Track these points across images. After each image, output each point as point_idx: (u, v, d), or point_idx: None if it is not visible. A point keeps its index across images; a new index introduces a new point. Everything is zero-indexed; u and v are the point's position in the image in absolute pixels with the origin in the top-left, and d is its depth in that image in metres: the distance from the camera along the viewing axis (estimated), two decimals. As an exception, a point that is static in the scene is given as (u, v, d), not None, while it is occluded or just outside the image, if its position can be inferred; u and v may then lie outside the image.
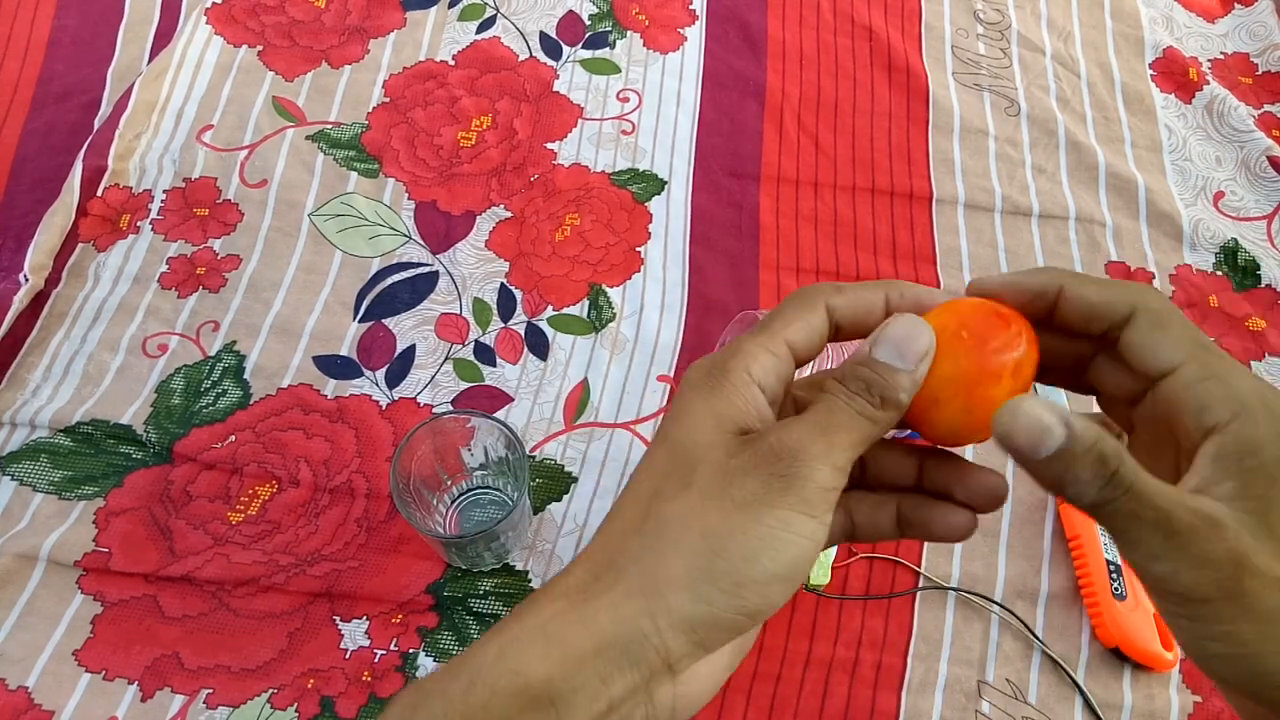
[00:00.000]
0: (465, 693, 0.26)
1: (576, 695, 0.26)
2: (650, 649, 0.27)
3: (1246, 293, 0.76)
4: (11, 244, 0.71)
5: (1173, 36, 0.90)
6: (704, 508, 0.27)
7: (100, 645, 0.58)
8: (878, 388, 0.28)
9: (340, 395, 0.67)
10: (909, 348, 0.29)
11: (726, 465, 0.28)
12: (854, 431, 0.28)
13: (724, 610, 0.27)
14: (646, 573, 0.27)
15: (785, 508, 0.27)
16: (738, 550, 0.26)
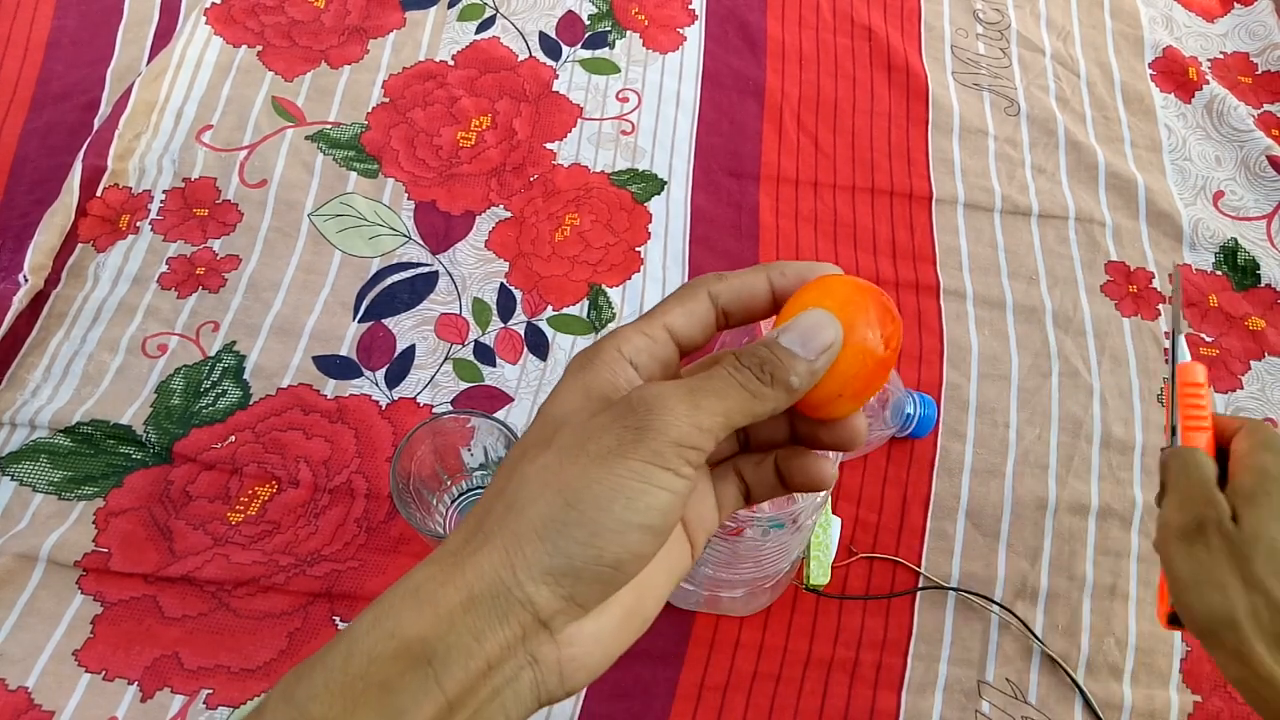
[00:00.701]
0: (345, 661, 0.27)
1: (451, 652, 0.26)
2: (515, 601, 0.27)
3: (1246, 292, 0.76)
4: (11, 244, 0.71)
5: (1172, 36, 0.90)
6: (560, 463, 0.28)
7: (100, 645, 0.58)
8: (770, 366, 0.29)
9: (340, 395, 0.67)
10: (813, 339, 0.29)
11: (586, 424, 0.28)
12: (728, 399, 0.28)
13: (581, 560, 0.27)
14: (508, 529, 0.27)
15: (637, 459, 0.27)
16: (590, 500, 0.27)
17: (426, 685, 0.26)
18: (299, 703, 0.26)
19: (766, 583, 0.58)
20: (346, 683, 0.26)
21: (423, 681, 0.26)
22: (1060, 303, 0.74)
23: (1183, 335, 0.51)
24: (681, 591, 0.59)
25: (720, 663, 0.60)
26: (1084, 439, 0.69)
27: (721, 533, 0.52)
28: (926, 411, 0.66)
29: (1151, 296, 0.75)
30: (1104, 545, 0.65)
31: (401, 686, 0.26)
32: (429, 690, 0.26)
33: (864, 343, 0.30)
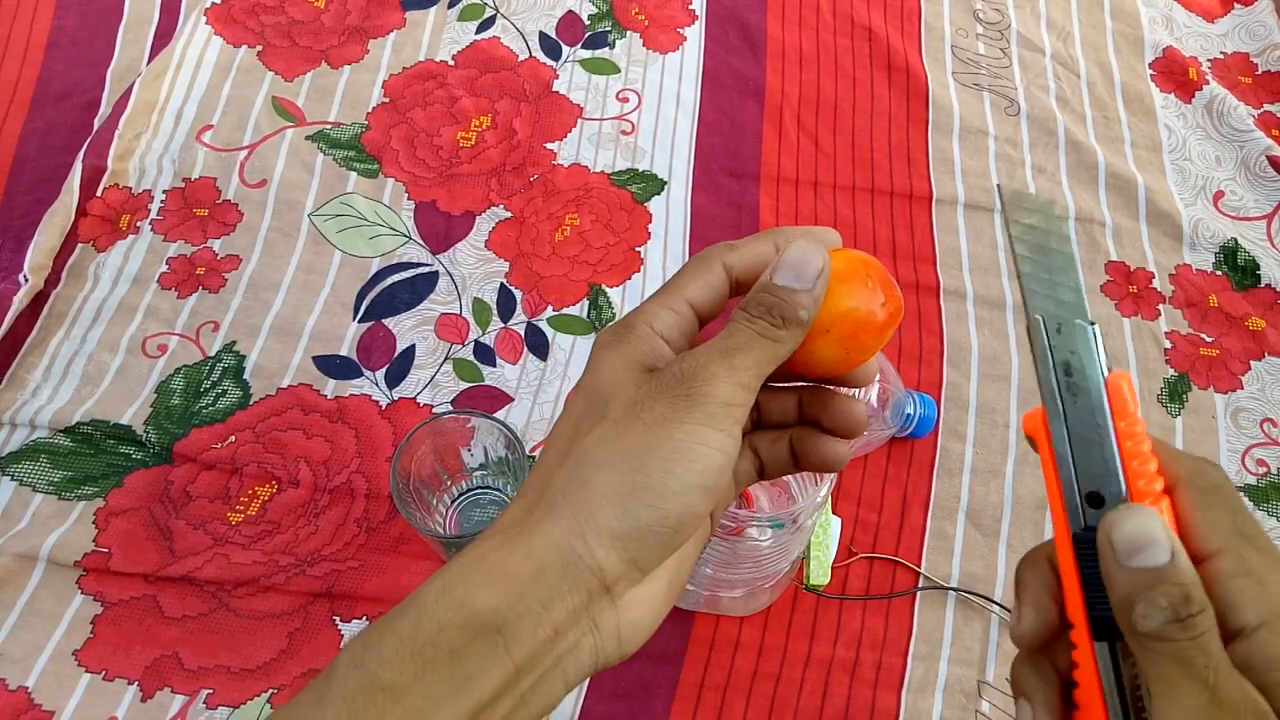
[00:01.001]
0: (414, 629, 0.27)
1: (521, 620, 0.27)
2: (585, 568, 0.28)
3: (1246, 292, 0.76)
4: (11, 244, 0.71)
5: (1172, 36, 0.90)
6: (619, 433, 0.29)
7: (100, 645, 0.58)
8: (778, 309, 0.30)
9: (340, 395, 0.67)
10: (805, 269, 0.31)
11: (636, 395, 0.30)
12: (754, 351, 0.30)
13: (649, 522, 0.28)
14: (574, 498, 0.29)
15: (692, 423, 0.29)
16: (655, 464, 0.28)
17: (495, 653, 0.27)
18: (370, 668, 0.27)
19: (766, 583, 0.58)
20: (416, 649, 0.27)
21: (491, 649, 0.27)
22: (1060, 303, 0.74)
23: (1094, 329, 0.32)
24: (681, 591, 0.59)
25: (720, 663, 0.60)
26: (1084, 439, 0.69)
27: (721, 533, 0.52)
28: (926, 411, 0.66)
29: (1152, 296, 0.75)
30: (1104, 545, 0.65)
31: (470, 654, 0.27)
32: (498, 658, 0.27)
33: (858, 293, 0.32)
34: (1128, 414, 0.30)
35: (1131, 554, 0.27)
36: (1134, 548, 0.27)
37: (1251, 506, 0.67)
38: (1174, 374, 0.72)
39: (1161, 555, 0.27)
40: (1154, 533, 0.27)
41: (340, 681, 0.27)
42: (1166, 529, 0.27)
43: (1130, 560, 0.27)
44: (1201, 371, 0.72)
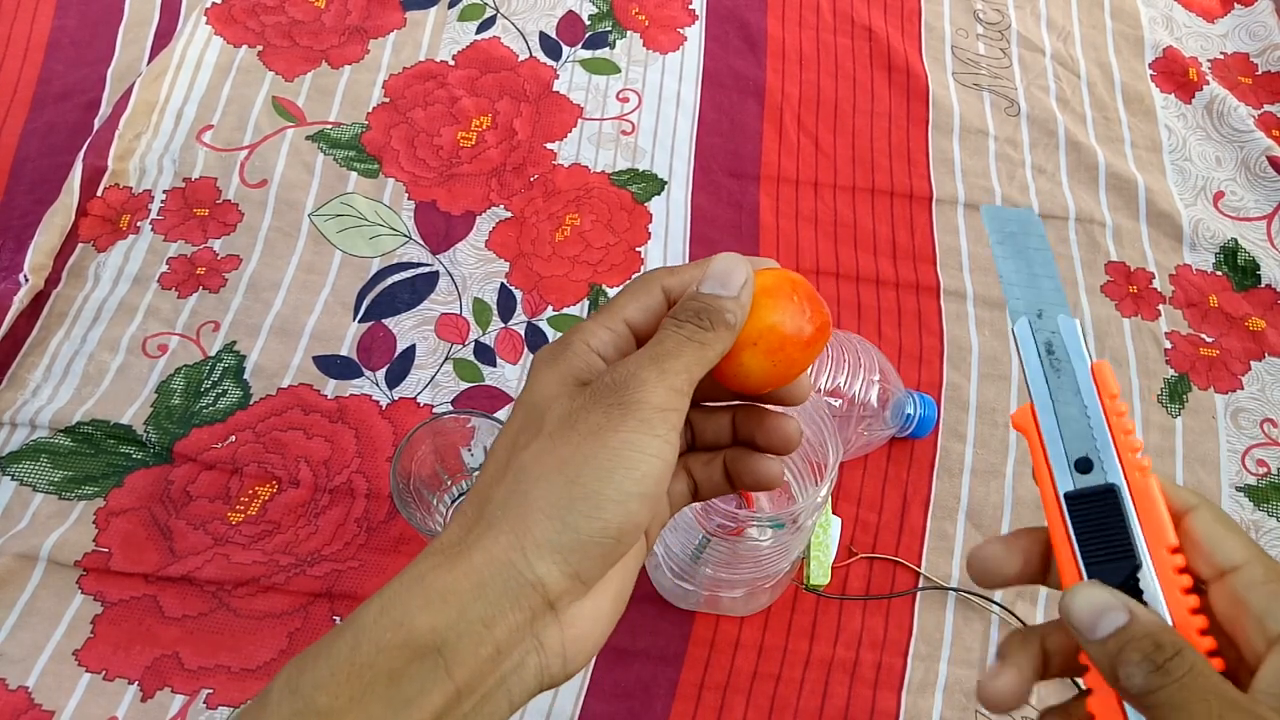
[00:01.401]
0: (351, 651, 0.27)
1: (462, 640, 0.27)
2: (526, 583, 0.28)
3: (1246, 293, 0.76)
4: (11, 244, 0.71)
5: (1173, 36, 0.90)
6: (555, 444, 0.29)
7: (100, 645, 0.58)
8: (705, 313, 0.31)
9: (340, 395, 0.67)
10: (730, 279, 0.31)
11: (570, 407, 0.30)
12: (684, 355, 0.30)
13: (589, 533, 0.28)
14: (513, 513, 0.28)
15: (627, 430, 0.29)
16: (592, 473, 0.28)
17: (436, 674, 0.27)
18: (304, 692, 0.27)
19: (766, 583, 0.58)
20: (354, 672, 0.26)
21: (432, 670, 0.27)
22: (1060, 303, 0.74)
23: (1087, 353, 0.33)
24: (681, 591, 0.59)
25: (720, 663, 0.60)
26: (1084, 439, 0.69)
27: (721, 533, 0.52)
28: (926, 412, 0.66)
29: (1152, 297, 0.75)
30: (1104, 545, 0.65)
31: (409, 675, 0.27)
32: (438, 679, 0.27)
33: (784, 307, 0.33)
34: (1113, 392, 0.31)
35: (1094, 627, 0.28)
36: (1092, 620, 0.28)
37: (1252, 506, 0.68)
38: (1174, 374, 0.72)
39: (1119, 617, 0.28)
40: (1104, 601, 0.28)
41: (274, 708, 0.27)
42: (1114, 591, 0.29)
43: (1095, 634, 0.28)
44: (1201, 372, 0.72)
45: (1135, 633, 0.27)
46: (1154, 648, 0.27)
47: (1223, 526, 0.29)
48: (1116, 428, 0.31)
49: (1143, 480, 0.30)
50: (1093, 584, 0.29)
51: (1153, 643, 0.27)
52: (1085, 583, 0.29)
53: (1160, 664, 0.27)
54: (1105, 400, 0.31)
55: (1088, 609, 0.28)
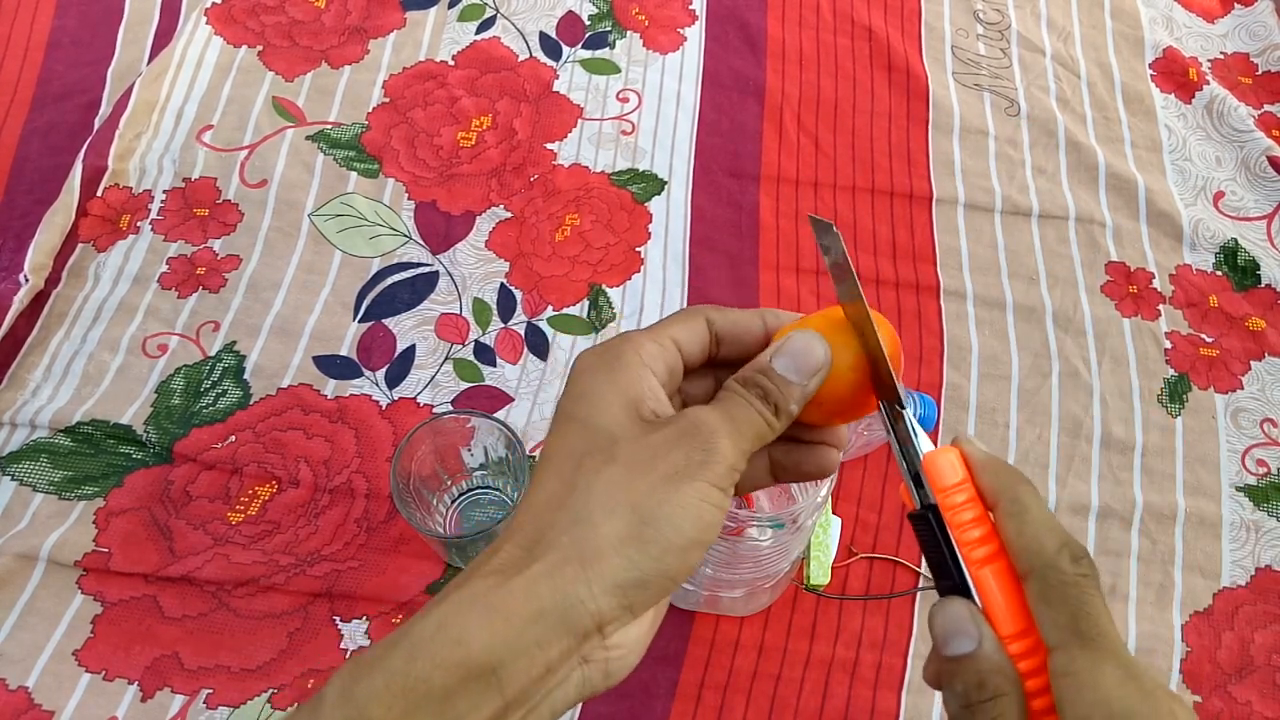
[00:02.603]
0: (407, 665, 0.27)
1: (516, 661, 0.28)
2: (585, 613, 0.28)
3: (1246, 293, 0.76)
4: (11, 244, 0.71)
5: (1172, 36, 0.90)
6: (630, 479, 0.29)
7: (100, 645, 0.58)
8: (773, 397, 0.32)
9: (340, 395, 0.67)
10: (805, 362, 0.32)
11: (647, 439, 0.30)
12: (753, 427, 0.31)
13: (650, 574, 0.29)
14: (579, 542, 0.29)
15: (704, 480, 0.29)
16: (665, 519, 0.29)
17: (488, 692, 0.27)
18: (359, 701, 0.27)
19: (766, 583, 0.58)
20: (408, 685, 0.27)
21: (484, 689, 0.27)
22: (1060, 303, 0.74)
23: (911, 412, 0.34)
24: (681, 591, 0.59)
25: (720, 663, 0.60)
26: (1084, 439, 0.69)
27: (722, 533, 0.52)
28: (926, 411, 0.66)
29: (1152, 297, 0.75)
30: (1104, 545, 0.65)
31: (463, 693, 0.27)
32: (490, 697, 0.27)
33: (843, 367, 0.32)
34: (942, 487, 0.32)
35: (944, 643, 0.30)
36: (944, 638, 0.30)
37: (1252, 506, 0.68)
38: (1174, 374, 0.72)
39: (967, 644, 0.29)
40: (961, 624, 0.29)
41: (328, 713, 0.27)
42: (976, 618, 0.29)
43: (943, 650, 0.29)
44: (1201, 372, 0.72)
45: (970, 664, 0.29)
46: (976, 686, 0.29)
47: (1041, 605, 0.29)
48: (952, 526, 0.31)
49: (978, 571, 0.31)
50: (958, 603, 0.30)
51: (977, 681, 0.29)
52: (953, 600, 0.30)
53: (971, 703, 0.29)
54: (940, 500, 0.32)
55: (944, 624, 0.30)
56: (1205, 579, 0.65)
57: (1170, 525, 0.66)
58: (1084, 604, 0.29)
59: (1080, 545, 0.30)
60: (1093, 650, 0.28)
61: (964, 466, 0.32)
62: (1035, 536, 0.30)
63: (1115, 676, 0.28)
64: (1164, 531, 0.66)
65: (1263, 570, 0.65)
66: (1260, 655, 0.62)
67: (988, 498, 0.32)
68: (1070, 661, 0.28)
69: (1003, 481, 0.31)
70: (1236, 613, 0.64)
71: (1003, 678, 0.29)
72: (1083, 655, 0.28)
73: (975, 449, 0.33)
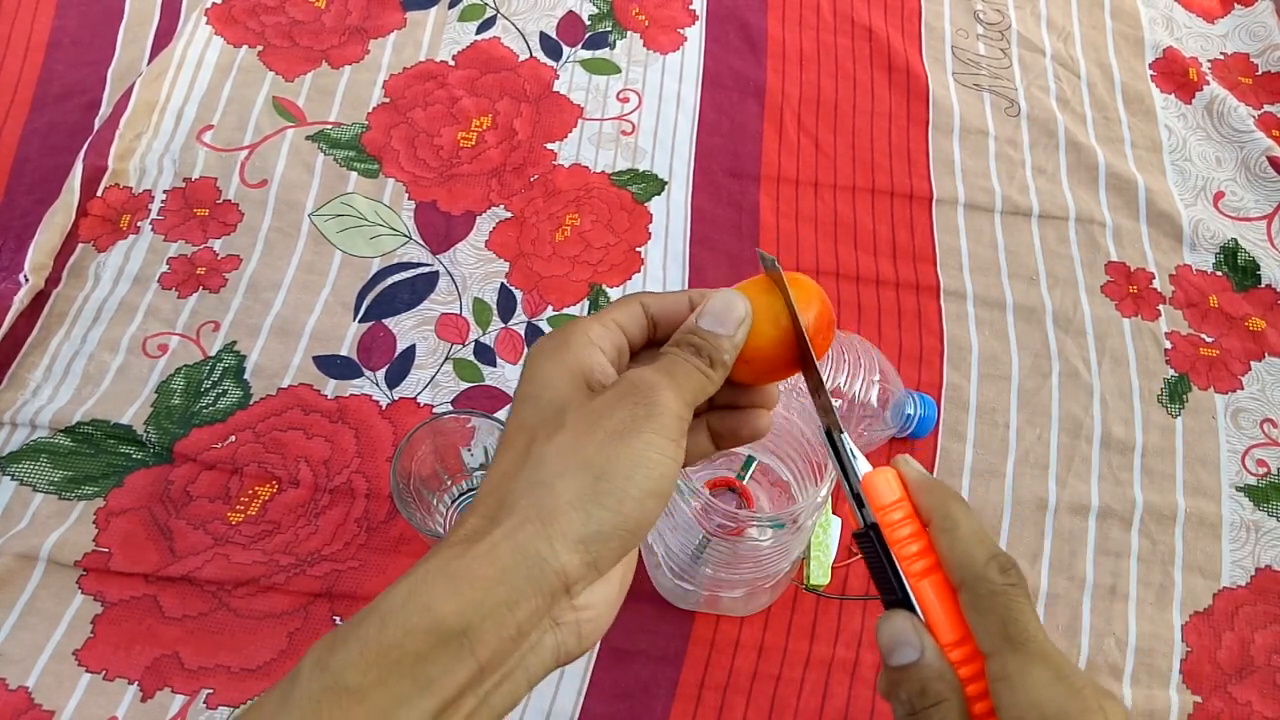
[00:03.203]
0: (379, 633, 0.28)
1: (485, 623, 0.28)
2: (549, 570, 0.29)
3: (1246, 293, 0.76)
4: (12, 244, 0.71)
5: (1173, 37, 0.90)
6: (580, 442, 0.31)
7: (100, 645, 0.58)
8: (705, 350, 0.34)
9: (340, 395, 0.67)
10: (728, 316, 0.34)
11: (592, 404, 0.32)
12: (691, 380, 0.33)
13: (609, 526, 0.30)
14: (537, 503, 0.30)
15: (650, 432, 0.31)
16: (617, 471, 0.30)
17: (460, 655, 0.28)
18: (334, 670, 0.28)
19: (766, 583, 0.58)
20: (381, 652, 0.28)
21: (456, 652, 0.28)
22: (1060, 303, 0.74)
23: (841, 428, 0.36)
24: (681, 591, 0.59)
25: (720, 663, 0.60)
26: (1084, 439, 0.69)
27: (721, 533, 0.52)
28: (926, 412, 0.66)
29: (1152, 297, 0.75)
30: (1104, 546, 0.65)
31: (435, 657, 0.28)
32: (462, 659, 0.28)
33: (768, 322, 0.35)
34: (880, 505, 0.34)
35: (888, 654, 0.31)
36: (889, 649, 0.31)
37: (1252, 506, 0.68)
38: (1174, 374, 0.72)
39: (910, 654, 0.31)
40: (904, 635, 0.31)
41: (305, 683, 0.28)
42: (918, 629, 0.32)
43: (889, 660, 0.31)
44: (1201, 372, 0.72)
45: (913, 673, 0.31)
46: (919, 693, 0.31)
47: (973, 614, 0.31)
48: (892, 542, 0.33)
49: (917, 584, 0.33)
50: (901, 615, 0.32)
51: (920, 688, 0.31)
52: (896, 613, 0.32)
53: (916, 709, 0.31)
54: (880, 518, 0.34)
55: (889, 636, 0.32)
56: (1205, 579, 0.65)
57: (1170, 525, 0.66)
58: (1011, 611, 0.31)
59: (1008, 556, 0.32)
60: (1022, 654, 0.30)
61: (900, 486, 0.34)
62: (965, 550, 0.32)
63: (1044, 678, 0.30)
64: (1164, 531, 0.66)
65: (1263, 570, 0.65)
66: (1260, 655, 0.62)
67: (923, 515, 0.34)
68: (1003, 666, 0.30)
69: (935, 499, 0.33)
70: (1236, 613, 0.64)
71: (944, 684, 0.31)
72: (1013, 659, 0.30)
73: (911, 469, 0.35)
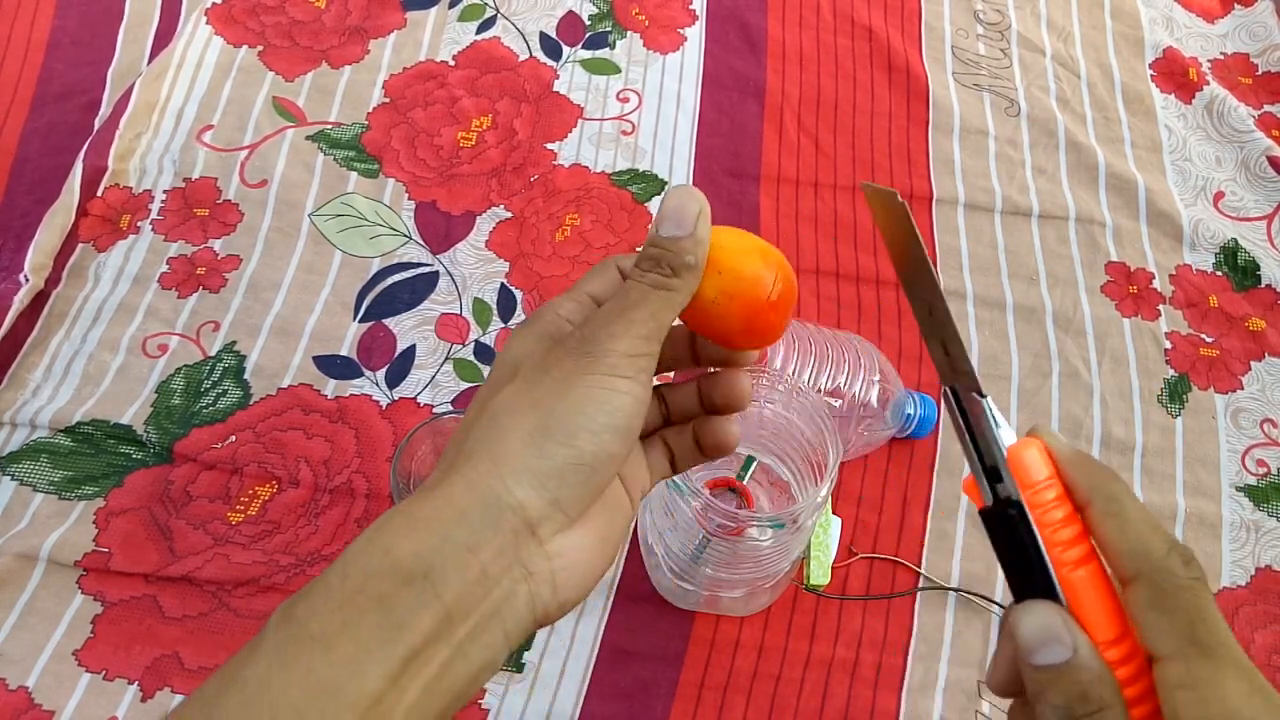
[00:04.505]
0: (341, 581, 0.28)
1: (447, 564, 0.28)
2: (505, 507, 0.29)
3: (1246, 293, 0.76)
4: (12, 244, 0.71)
5: (1173, 37, 0.90)
6: (528, 387, 0.31)
7: (100, 645, 0.58)
8: (665, 258, 0.31)
9: (340, 395, 0.67)
10: (684, 214, 0.31)
11: (544, 358, 0.32)
12: (649, 304, 0.31)
13: (564, 459, 0.29)
14: (489, 446, 0.30)
15: (596, 373, 0.30)
16: (565, 408, 0.30)
17: (424, 597, 0.27)
18: (298, 619, 0.27)
19: (766, 583, 0.58)
20: (344, 599, 0.27)
21: (420, 594, 0.27)
22: (1060, 303, 0.74)
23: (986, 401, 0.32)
24: (681, 591, 0.59)
25: (720, 663, 0.60)
26: (1084, 439, 0.69)
27: (721, 533, 0.52)
28: (926, 412, 0.66)
29: (1152, 297, 0.75)
30: (1104, 545, 0.65)
31: (399, 600, 0.27)
32: (426, 601, 0.27)
33: (747, 259, 0.33)
34: (1030, 484, 0.30)
35: (1033, 651, 0.28)
36: (1035, 645, 0.28)
37: (1252, 506, 0.67)
38: (1174, 374, 0.72)
39: (1061, 653, 0.27)
40: (1054, 631, 0.28)
41: (270, 635, 0.27)
42: (1069, 624, 0.28)
43: (1033, 658, 0.28)
44: (1201, 372, 0.72)
45: (1068, 675, 0.27)
46: (1079, 698, 0.27)
47: (1154, 611, 0.28)
48: (1041, 525, 0.29)
49: (1071, 574, 0.29)
50: (1049, 608, 0.28)
51: (1079, 693, 0.27)
52: (1042, 604, 0.28)
53: (1076, 716, 0.27)
54: (1026, 496, 0.29)
55: (1035, 631, 0.28)
56: (1205, 579, 0.65)
57: (1170, 525, 0.66)
58: (1202, 610, 0.27)
59: (1188, 548, 0.28)
60: (1213, 660, 0.26)
61: (1049, 461, 0.30)
62: (1140, 538, 0.28)
63: (1241, 688, 0.26)
64: (1164, 531, 0.66)
65: (1263, 570, 0.65)
66: (1260, 655, 0.62)
67: (1077, 496, 0.30)
68: (1189, 672, 0.26)
69: (1096, 479, 0.29)
70: (1236, 613, 0.64)
71: (1106, 688, 0.27)
72: (1203, 665, 0.26)
73: (1060, 443, 0.30)
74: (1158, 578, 0.27)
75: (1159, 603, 0.27)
